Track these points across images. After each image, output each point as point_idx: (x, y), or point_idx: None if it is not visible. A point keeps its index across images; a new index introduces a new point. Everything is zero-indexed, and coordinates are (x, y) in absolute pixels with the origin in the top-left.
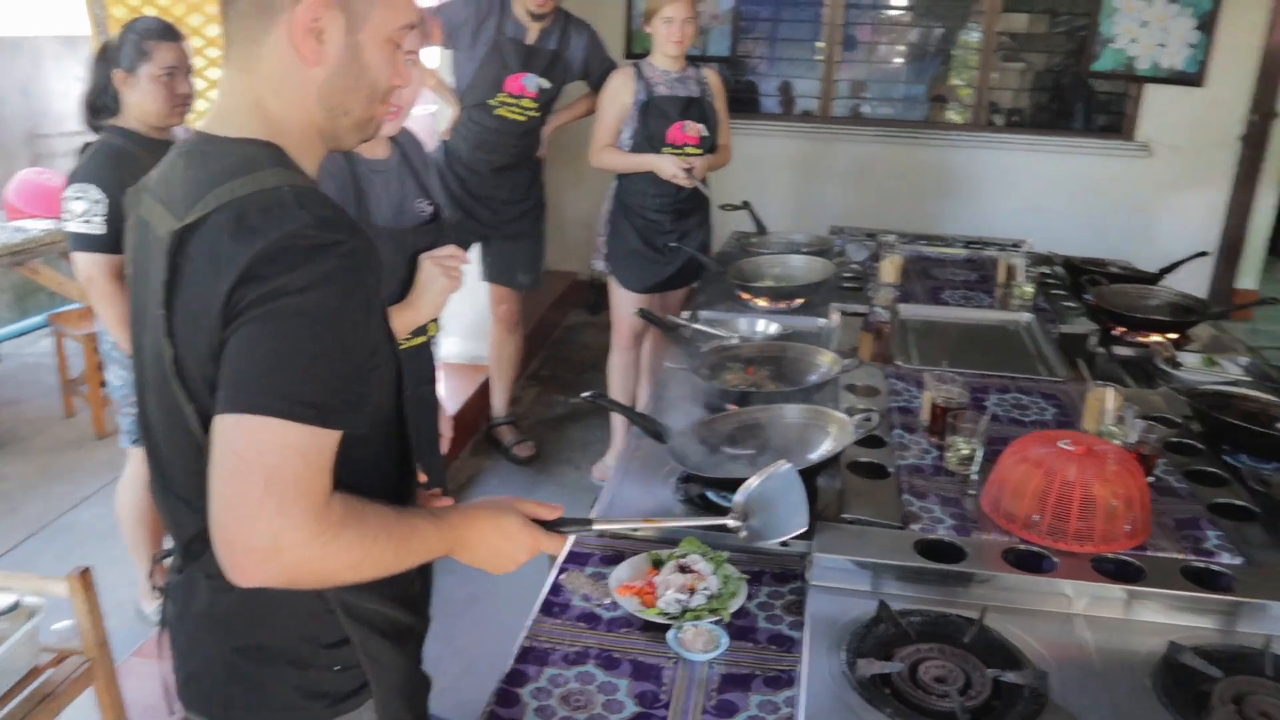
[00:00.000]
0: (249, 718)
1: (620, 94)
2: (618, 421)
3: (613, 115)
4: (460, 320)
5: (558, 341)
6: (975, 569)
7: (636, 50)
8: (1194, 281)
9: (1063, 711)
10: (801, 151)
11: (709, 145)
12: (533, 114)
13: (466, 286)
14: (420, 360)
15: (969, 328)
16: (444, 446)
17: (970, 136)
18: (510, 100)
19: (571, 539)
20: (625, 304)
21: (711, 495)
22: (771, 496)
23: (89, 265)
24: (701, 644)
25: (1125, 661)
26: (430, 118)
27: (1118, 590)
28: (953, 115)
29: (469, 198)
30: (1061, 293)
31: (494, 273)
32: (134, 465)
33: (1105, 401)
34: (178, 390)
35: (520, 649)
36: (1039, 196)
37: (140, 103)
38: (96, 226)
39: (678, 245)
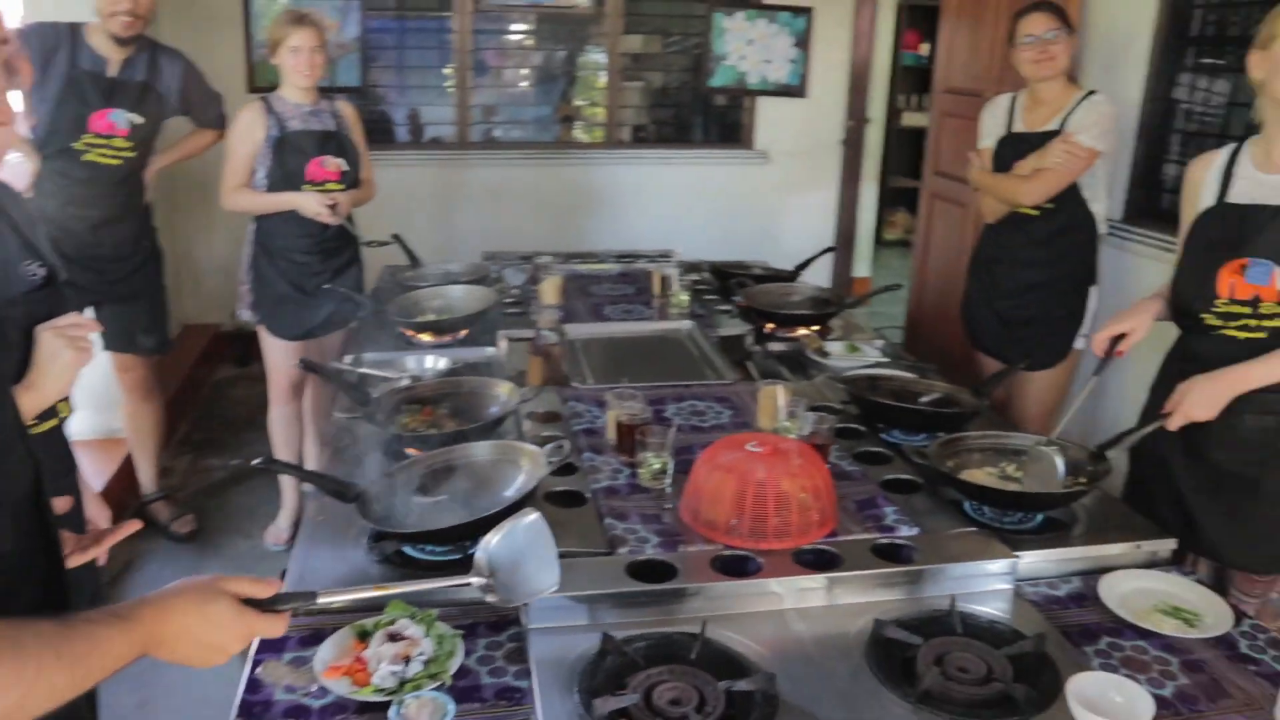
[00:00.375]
0: None
1: (251, 131)
2: (286, 478)
3: (244, 154)
4: (87, 390)
5: (208, 401)
6: (688, 584)
7: (261, 83)
8: (818, 274)
9: (795, 708)
10: (443, 179)
11: (351, 180)
12: (128, 155)
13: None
14: (54, 448)
15: (635, 341)
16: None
17: (605, 154)
18: (100, 142)
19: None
20: (279, 354)
21: (411, 551)
22: (516, 551)
23: None
24: (427, 716)
25: (839, 645)
26: (19, 165)
27: (819, 579)
28: (582, 134)
29: (68, 262)
30: (714, 298)
31: (113, 340)
32: None
33: (776, 398)
34: None
35: None
36: (677, 207)
37: None
38: None
39: (330, 287)
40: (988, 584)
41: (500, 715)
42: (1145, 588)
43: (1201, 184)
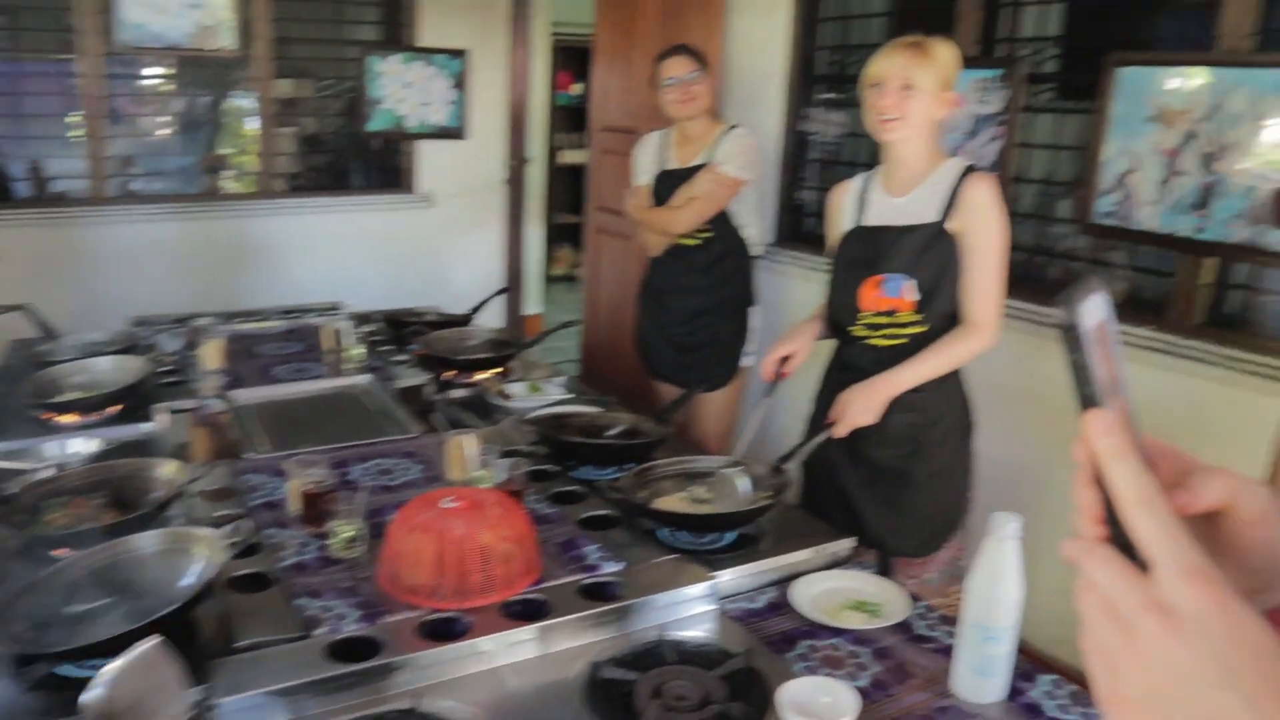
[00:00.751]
0: None
1: None
2: None
3: None
4: None
5: None
6: (393, 657)
7: None
8: (491, 316)
9: None
10: (75, 239)
11: None
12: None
13: None
14: None
15: (309, 401)
16: None
17: (260, 204)
18: None
19: None
20: None
21: (73, 670)
22: (139, 683)
23: None
24: None
25: (557, 694)
26: None
27: (530, 630)
28: (232, 184)
29: None
30: (389, 348)
31: None
32: None
33: (464, 448)
34: None
35: None
36: (341, 257)
37: None
38: None
39: None
40: (692, 608)
41: None
42: (832, 587)
43: (841, 209)
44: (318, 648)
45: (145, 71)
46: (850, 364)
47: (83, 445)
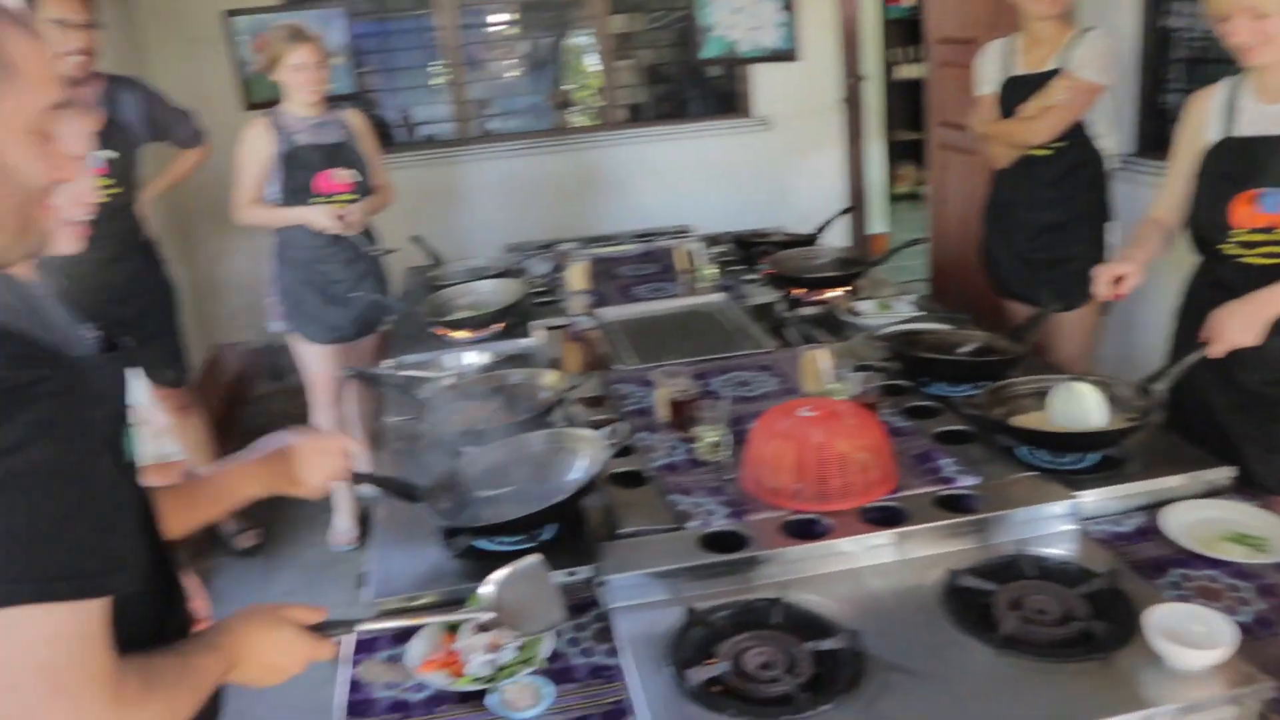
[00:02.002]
0: None
1: (257, 148)
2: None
3: (253, 171)
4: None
5: (251, 416)
6: (760, 551)
7: (256, 99)
8: (836, 235)
9: (881, 662)
10: (447, 177)
11: (363, 190)
12: (114, 191)
13: None
14: None
15: (669, 318)
16: None
17: (605, 136)
18: None
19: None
20: (315, 361)
21: (485, 544)
22: (522, 591)
23: None
24: (527, 700)
25: (915, 598)
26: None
27: (888, 535)
28: (580, 118)
29: (79, 310)
30: (739, 268)
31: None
32: None
33: (819, 362)
34: None
35: None
36: (685, 182)
37: None
38: None
39: (359, 294)
40: (1052, 526)
41: (596, 693)
42: (1208, 517)
43: (1204, 118)
44: (691, 538)
45: (491, 19)
46: (1220, 281)
47: (475, 357)
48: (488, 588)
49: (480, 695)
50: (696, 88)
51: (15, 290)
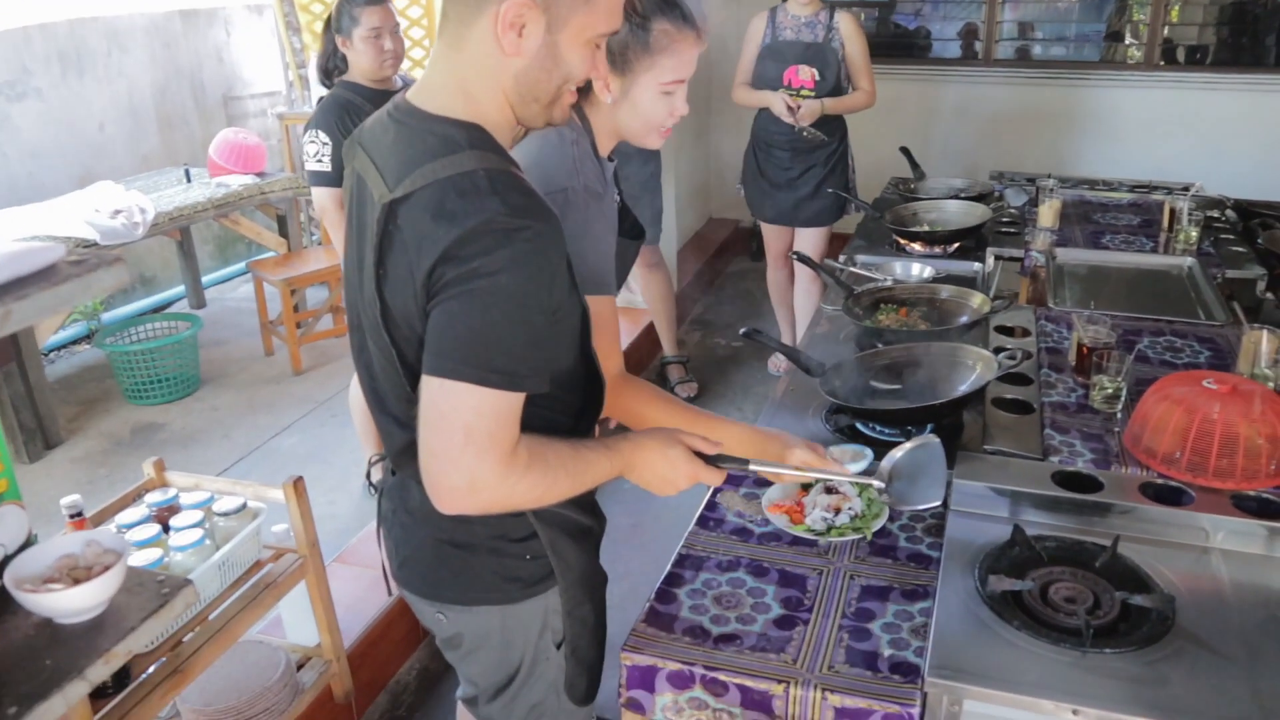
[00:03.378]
0: (456, 595)
1: (754, 35)
2: (781, 317)
3: (749, 55)
4: None
5: (721, 287)
6: (1111, 499)
7: None
8: None
9: (1189, 635)
10: (964, 95)
11: (826, 89)
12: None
13: None
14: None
15: (1127, 272)
16: None
17: (1143, 76)
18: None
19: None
20: (764, 230)
21: (860, 426)
22: (915, 466)
23: (321, 197)
24: (849, 456)
25: (1259, 596)
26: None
27: (1260, 526)
28: (1134, 52)
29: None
30: (1230, 237)
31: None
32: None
33: (1261, 344)
34: (385, 336)
35: (679, 555)
36: (1217, 137)
37: (357, 61)
38: (325, 165)
39: (832, 190)
40: None
41: (906, 573)
42: None
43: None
44: (1048, 470)
45: None
46: None
47: (920, 270)
48: (885, 463)
49: (809, 544)
50: (1271, 34)
51: (599, 174)
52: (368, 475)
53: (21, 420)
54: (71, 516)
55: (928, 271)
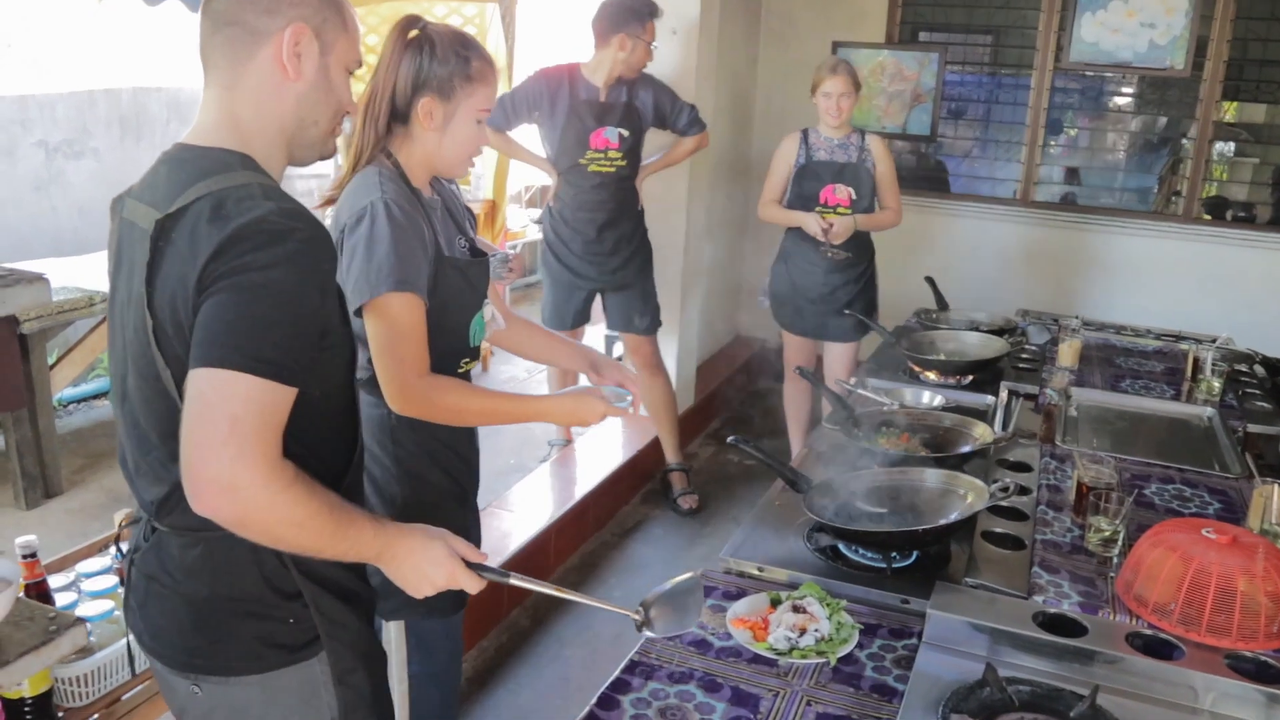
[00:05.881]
0: (212, 664)
1: (786, 156)
2: (793, 432)
3: (780, 175)
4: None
5: (741, 405)
6: (1095, 646)
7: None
8: None
9: None
10: (998, 234)
11: (861, 207)
12: (620, 164)
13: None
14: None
15: (1143, 417)
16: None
17: (1180, 228)
18: (598, 154)
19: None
20: (786, 340)
21: (842, 548)
22: (676, 598)
23: None
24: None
25: None
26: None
27: (1255, 690)
28: (1178, 207)
29: (575, 258)
30: (1255, 391)
31: (615, 322)
32: None
33: (1273, 499)
34: (156, 356)
35: (629, 661)
36: (1251, 294)
37: None
38: None
39: (849, 313)
40: None
41: (867, 705)
42: None
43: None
44: (1030, 610)
45: (1089, 88)
46: None
47: (928, 397)
48: (649, 595)
49: (768, 663)
50: None
51: (418, 199)
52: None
53: (24, 466)
54: (25, 557)
55: (938, 400)
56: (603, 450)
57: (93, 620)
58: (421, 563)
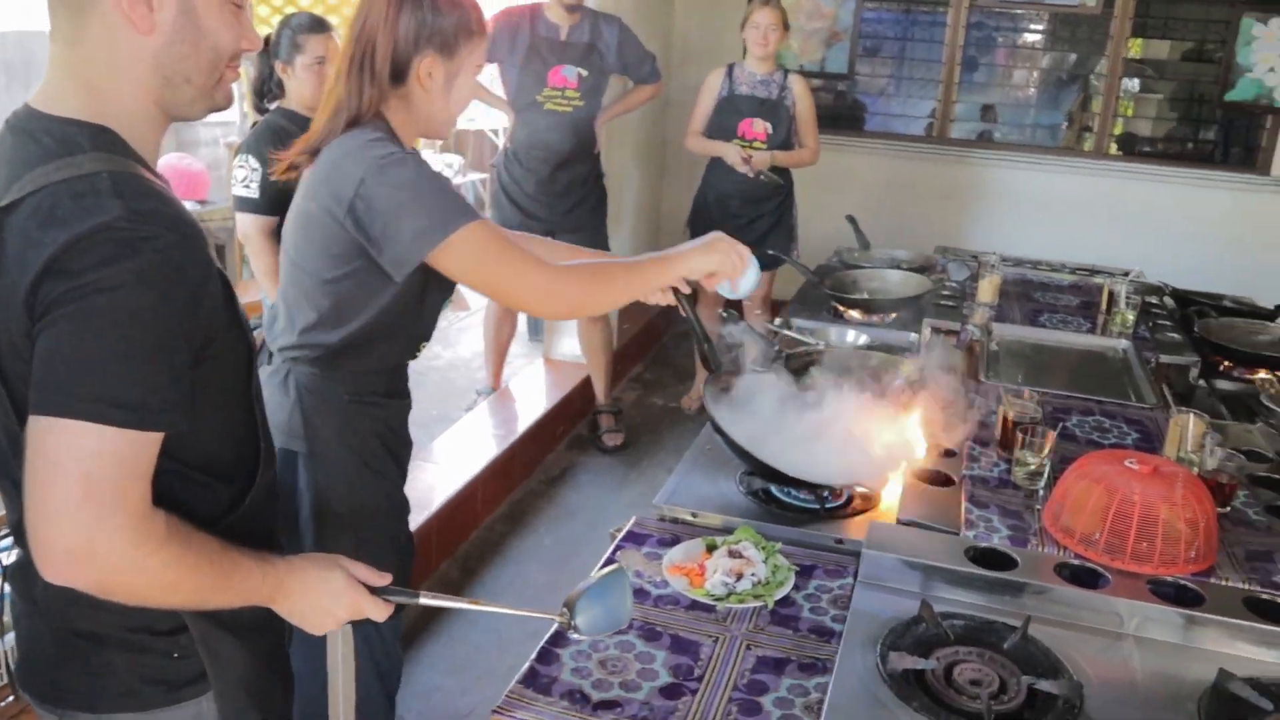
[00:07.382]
0: (84, 700)
1: (711, 88)
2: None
3: (704, 106)
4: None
5: (662, 348)
6: (1025, 578)
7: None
8: None
9: None
10: (915, 172)
11: (777, 142)
12: (577, 104)
13: None
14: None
15: (1061, 351)
16: None
17: (1093, 164)
18: (555, 92)
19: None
20: None
21: (775, 491)
22: (603, 596)
23: (245, 224)
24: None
25: (1171, 686)
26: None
27: (1175, 613)
28: (1088, 144)
29: (528, 198)
30: (1166, 323)
31: None
32: None
33: (1188, 428)
34: None
35: None
36: (1161, 227)
37: (298, 89)
38: (253, 191)
39: (773, 252)
40: None
41: (806, 646)
42: None
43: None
44: (962, 545)
45: (1017, 26)
46: None
47: (854, 337)
48: (571, 595)
49: (705, 609)
50: (1210, 131)
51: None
52: None
53: None
54: None
55: (863, 339)
56: (526, 398)
57: None
58: (320, 598)
